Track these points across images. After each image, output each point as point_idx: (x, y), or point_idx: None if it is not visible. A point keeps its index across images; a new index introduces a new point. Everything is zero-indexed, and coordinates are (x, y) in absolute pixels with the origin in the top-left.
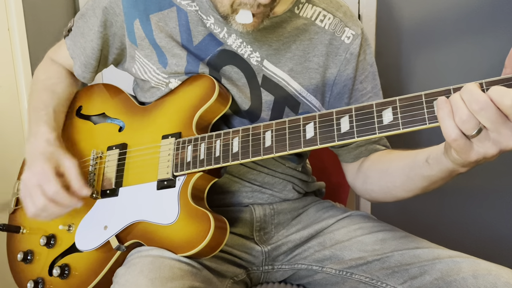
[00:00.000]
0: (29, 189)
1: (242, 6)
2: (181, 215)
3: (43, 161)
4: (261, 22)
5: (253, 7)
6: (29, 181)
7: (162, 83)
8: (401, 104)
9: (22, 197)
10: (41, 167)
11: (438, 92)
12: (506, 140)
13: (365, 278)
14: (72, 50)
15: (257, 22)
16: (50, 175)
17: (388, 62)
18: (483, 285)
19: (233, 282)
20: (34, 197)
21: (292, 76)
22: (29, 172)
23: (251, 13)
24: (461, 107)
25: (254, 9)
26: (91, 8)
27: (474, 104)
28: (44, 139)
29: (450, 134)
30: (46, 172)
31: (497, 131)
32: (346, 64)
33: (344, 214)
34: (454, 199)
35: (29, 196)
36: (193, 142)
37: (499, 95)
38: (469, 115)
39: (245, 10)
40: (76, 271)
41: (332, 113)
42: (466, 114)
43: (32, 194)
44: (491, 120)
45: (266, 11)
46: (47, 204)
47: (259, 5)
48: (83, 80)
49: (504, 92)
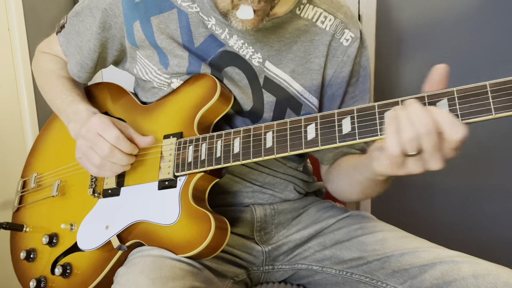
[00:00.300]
0: (91, 140)
1: (243, 2)
2: (182, 216)
3: (100, 115)
4: (261, 20)
5: (254, 2)
6: (89, 132)
7: (164, 83)
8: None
9: (82, 152)
10: (99, 119)
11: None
12: (435, 163)
13: (365, 278)
14: (65, 47)
15: (257, 20)
16: (109, 123)
17: (388, 62)
18: (483, 285)
19: (233, 282)
20: (98, 145)
21: (293, 77)
22: (88, 124)
23: (252, 9)
24: (408, 128)
25: (255, 4)
26: (88, 8)
27: (422, 127)
28: (90, 111)
29: (393, 151)
30: (105, 122)
31: (432, 155)
32: (342, 66)
33: (344, 214)
34: (454, 199)
35: (91, 147)
36: (194, 142)
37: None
38: (415, 137)
39: (246, 5)
40: (78, 270)
41: (334, 114)
42: (412, 136)
43: (96, 143)
44: (432, 145)
45: (267, 9)
46: (112, 150)
47: (260, 0)
48: (78, 80)
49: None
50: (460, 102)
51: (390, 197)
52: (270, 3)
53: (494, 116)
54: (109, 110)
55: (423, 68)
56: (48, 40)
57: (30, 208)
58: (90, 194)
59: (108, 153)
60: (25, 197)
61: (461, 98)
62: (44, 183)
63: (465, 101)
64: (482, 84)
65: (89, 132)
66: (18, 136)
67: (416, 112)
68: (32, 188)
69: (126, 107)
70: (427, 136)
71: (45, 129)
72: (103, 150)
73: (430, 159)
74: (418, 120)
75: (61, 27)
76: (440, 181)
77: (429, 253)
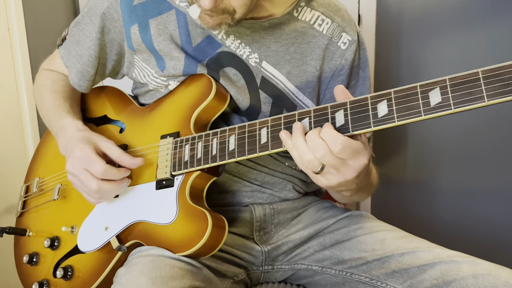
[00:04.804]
0: (78, 177)
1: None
2: (179, 215)
3: (81, 145)
4: (218, 25)
5: (200, 7)
6: (74, 169)
7: (161, 86)
8: (396, 95)
9: (76, 186)
10: (80, 151)
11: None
12: (346, 174)
13: (365, 278)
14: (66, 59)
15: (211, 24)
16: (92, 155)
17: (387, 62)
18: (483, 285)
19: (233, 282)
20: (87, 182)
21: (289, 79)
22: (71, 159)
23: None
24: (305, 152)
25: (201, 9)
26: (87, 16)
27: (317, 152)
28: (73, 127)
29: (299, 166)
30: (88, 154)
31: (337, 169)
32: (340, 69)
33: (344, 214)
34: (454, 199)
35: (82, 185)
36: (191, 141)
37: (331, 141)
38: (313, 159)
39: (196, 5)
40: (79, 272)
41: (327, 107)
42: (309, 158)
43: (83, 181)
44: (332, 164)
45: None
46: (101, 185)
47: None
48: (79, 89)
49: (334, 137)
50: (452, 91)
51: (390, 197)
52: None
53: (487, 103)
54: (108, 113)
55: (423, 68)
56: (50, 57)
57: (33, 213)
58: None
59: (97, 190)
60: (28, 202)
61: (453, 86)
62: (46, 187)
63: (457, 88)
64: (474, 71)
65: (74, 169)
66: (17, 137)
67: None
68: (34, 193)
69: (124, 109)
70: (325, 158)
71: (47, 134)
72: (92, 188)
73: (338, 172)
74: (313, 144)
75: (63, 39)
76: (440, 181)
77: (429, 253)
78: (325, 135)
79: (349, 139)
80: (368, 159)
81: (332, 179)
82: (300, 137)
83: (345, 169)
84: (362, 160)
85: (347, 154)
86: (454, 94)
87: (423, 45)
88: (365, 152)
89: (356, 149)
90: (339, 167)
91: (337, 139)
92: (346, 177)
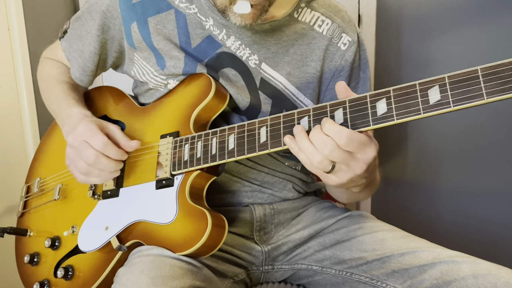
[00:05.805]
0: (76, 147)
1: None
2: (179, 214)
3: (87, 122)
4: (259, 15)
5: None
6: (75, 140)
7: (160, 84)
8: (395, 94)
9: (70, 159)
10: (85, 125)
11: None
12: (357, 169)
13: (365, 278)
14: (68, 52)
15: (255, 14)
16: (96, 130)
17: (388, 62)
18: (483, 285)
19: (233, 281)
20: (83, 152)
21: (289, 80)
22: (74, 133)
23: (249, 3)
24: (314, 153)
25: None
26: (88, 11)
27: (325, 149)
28: (82, 114)
29: (309, 168)
30: (91, 128)
31: (347, 165)
32: (340, 70)
33: (344, 214)
34: (454, 199)
35: (78, 155)
36: (190, 140)
37: (336, 135)
38: (322, 159)
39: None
40: (80, 272)
41: (326, 106)
42: (319, 159)
43: (81, 150)
44: (341, 159)
45: (265, 4)
46: (98, 156)
47: None
48: (80, 83)
49: (339, 131)
50: (451, 88)
51: (390, 197)
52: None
53: (486, 100)
54: (108, 113)
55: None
56: (52, 46)
57: (34, 213)
58: (90, 196)
59: (93, 160)
60: (29, 202)
61: (452, 83)
62: (46, 188)
63: (456, 86)
64: (473, 69)
65: (75, 140)
66: (18, 136)
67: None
68: (35, 193)
69: (124, 109)
70: (333, 154)
71: (48, 134)
72: (88, 157)
73: (349, 167)
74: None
75: (64, 32)
76: (440, 181)
77: (429, 253)
78: (328, 131)
79: (353, 131)
80: (376, 151)
81: (343, 176)
82: (305, 139)
83: (355, 164)
84: (370, 152)
85: (353, 147)
86: (453, 92)
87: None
88: (372, 144)
89: (363, 141)
90: (348, 161)
91: (342, 133)
92: (357, 172)
